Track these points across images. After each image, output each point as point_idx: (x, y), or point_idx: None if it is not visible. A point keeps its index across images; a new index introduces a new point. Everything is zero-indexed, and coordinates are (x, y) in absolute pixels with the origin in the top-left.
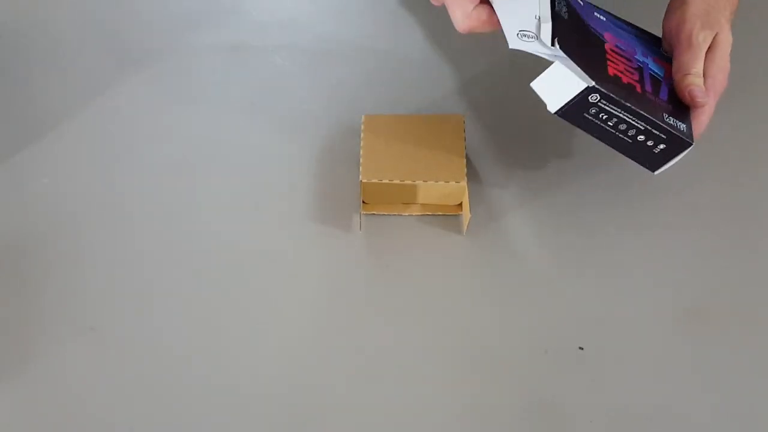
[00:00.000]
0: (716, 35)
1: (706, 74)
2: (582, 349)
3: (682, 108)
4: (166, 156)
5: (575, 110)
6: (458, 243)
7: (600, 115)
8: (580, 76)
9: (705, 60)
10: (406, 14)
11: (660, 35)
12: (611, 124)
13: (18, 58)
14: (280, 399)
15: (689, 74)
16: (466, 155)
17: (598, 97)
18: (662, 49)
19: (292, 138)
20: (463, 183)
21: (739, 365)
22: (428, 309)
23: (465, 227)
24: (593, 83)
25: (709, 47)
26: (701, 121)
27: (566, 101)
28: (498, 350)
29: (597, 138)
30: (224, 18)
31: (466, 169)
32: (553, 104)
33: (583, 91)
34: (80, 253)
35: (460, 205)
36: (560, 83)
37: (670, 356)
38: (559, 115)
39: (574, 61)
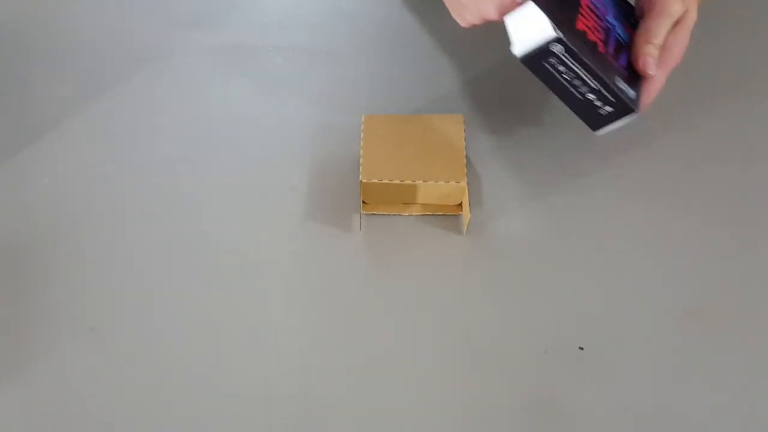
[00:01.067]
0: (686, 11)
1: (664, 46)
2: (582, 349)
3: (637, 76)
4: (166, 156)
5: (537, 56)
6: (458, 243)
7: (558, 67)
8: (549, 23)
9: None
10: (407, 14)
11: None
12: (567, 77)
13: (18, 58)
14: (280, 399)
15: (650, 43)
16: (466, 155)
17: (562, 49)
18: (633, 18)
19: (292, 138)
20: (463, 183)
21: (739, 365)
22: (428, 309)
23: (465, 227)
24: (560, 34)
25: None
26: (650, 92)
27: (531, 47)
28: (498, 350)
29: (549, 88)
30: (224, 18)
31: (466, 169)
32: (519, 47)
33: (549, 40)
34: (80, 253)
35: (460, 205)
36: (530, 25)
37: (670, 356)
38: (520, 59)
39: (543, 10)
